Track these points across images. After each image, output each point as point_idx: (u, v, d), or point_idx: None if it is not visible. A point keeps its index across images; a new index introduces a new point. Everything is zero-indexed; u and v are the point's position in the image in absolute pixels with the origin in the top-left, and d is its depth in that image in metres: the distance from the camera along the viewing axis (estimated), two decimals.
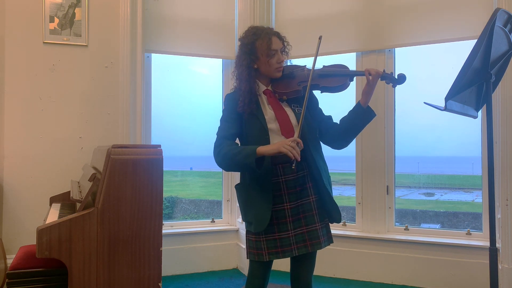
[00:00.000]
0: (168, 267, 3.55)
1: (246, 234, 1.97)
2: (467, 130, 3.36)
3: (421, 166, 4.46)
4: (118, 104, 3.46)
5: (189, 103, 4.23)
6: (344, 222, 3.65)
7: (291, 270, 2.01)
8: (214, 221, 3.88)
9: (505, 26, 1.96)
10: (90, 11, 3.42)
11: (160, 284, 2.12)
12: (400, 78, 1.88)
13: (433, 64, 3.60)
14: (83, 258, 1.98)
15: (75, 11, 3.39)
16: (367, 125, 1.96)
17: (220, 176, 3.98)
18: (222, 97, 3.83)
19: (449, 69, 3.17)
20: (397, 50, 3.47)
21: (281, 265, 3.44)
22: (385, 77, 1.90)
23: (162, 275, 2.17)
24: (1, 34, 3.26)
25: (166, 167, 2.19)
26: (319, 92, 1.98)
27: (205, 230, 3.75)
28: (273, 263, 1.98)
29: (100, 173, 2.13)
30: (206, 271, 3.70)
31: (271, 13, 3.78)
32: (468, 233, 3.23)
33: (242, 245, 3.60)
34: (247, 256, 1.95)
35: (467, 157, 3.86)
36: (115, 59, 3.48)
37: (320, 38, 1.91)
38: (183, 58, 3.87)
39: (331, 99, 2.11)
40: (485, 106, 2.01)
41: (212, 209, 4.86)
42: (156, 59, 3.73)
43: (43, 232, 1.92)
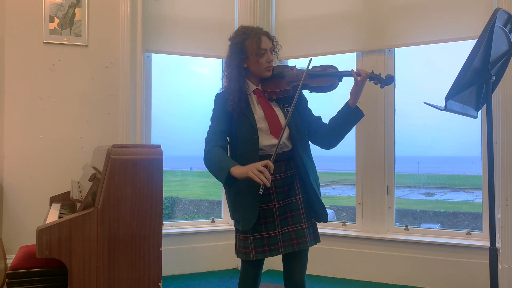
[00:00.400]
0: (168, 267, 3.54)
1: (235, 233, 1.99)
2: (467, 130, 3.36)
3: (421, 166, 4.46)
4: (118, 104, 3.46)
5: (189, 103, 4.23)
6: (344, 222, 3.65)
7: (283, 270, 2.01)
8: (214, 221, 3.88)
9: (505, 26, 1.96)
10: (90, 11, 3.42)
11: (160, 284, 2.12)
12: (388, 79, 1.90)
13: (433, 64, 3.60)
14: (83, 258, 1.98)
15: (75, 11, 3.39)
16: (367, 126, 1.98)
17: None
18: None
19: (449, 69, 3.17)
20: (397, 50, 3.47)
21: (278, 265, 3.43)
22: (373, 77, 1.92)
23: (162, 275, 2.17)
24: (1, 34, 3.26)
25: (166, 167, 2.19)
26: (308, 92, 2.00)
27: (205, 230, 3.75)
28: (272, 262, 1.99)
29: (100, 173, 2.13)
30: (206, 271, 3.70)
31: (271, 13, 3.78)
32: (468, 233, 3.23)
33: None
34: (236, 255, 1.97)
35: (467, 157, 3.86)
36: (115, 59, 3.48)
37: (310, 60, 1.93)
38: (183, 58, 3.87)
39: (321, 99, 2.12)
40: (485, 106, 2.01)
41: (212, 209, 4.87)
42: (156, 59, 3.73)
43: (43, 232, 1.92)
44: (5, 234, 3.25)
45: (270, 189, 1.89)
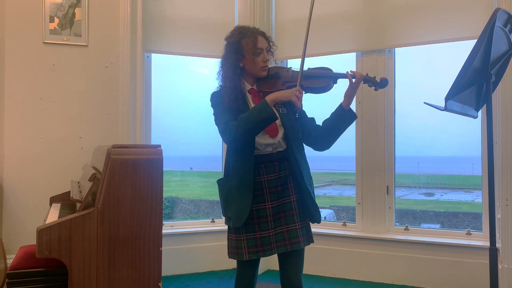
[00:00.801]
0: (168, 267, 3.54)
1: (227, 233, 1.98)
2: (467, 130, 3.36)
3: (421, 166, 4.47)
4: (118, 104, 3.46)
5: (189, 103, 4.23)
6: (344, 222, 3.65)
7: (280, 270, 2.01)
8: (214, 221, 3.88)
9: (505, 26, 1.96)
10: (90, 11, 3.42)
11: (160, 284, 2.12)
12: (382, 82, 1.92)
13: (433, 64, 3.60)
14: (83, 258, 1.98)
15: (75, 11, 3.39)
16: (367, 126, 1.98)
17: (220, 176, 3.98)
18: None
19: (449, 69, 3.17)
20: (397, 50, 3.47)
21: (277, 265, 3.43)
22: (368, 80, 1.93)
23: (162, 275, 2.17)
24: (1, 34, 3.26)
25: (166, 167, 2.19)
26: (303, 93, 2.01)
27: (205, 230, 3.75)
28: (271, 263, 1.99)
29: (100, 173, 2.13)
30: (206, 271, 3.70)
31: (271, 13, 3.78)
32: (468, 233, 3.23)
33: None
34: (228, 255, 1.96)
35: (467, 157, 3.86)
36: (115, 59, 3.48)
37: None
38: (183, 58, 3.87)
39: (316, 100, 2.12)
40: (485, 106, 2.01)
41: (212, 209, 4.87)
42: (156, 59, 3.73)
43: (43, 232, 1.92)
44: (5, 234, 3.25)
45: (264, 189, 1.90)
